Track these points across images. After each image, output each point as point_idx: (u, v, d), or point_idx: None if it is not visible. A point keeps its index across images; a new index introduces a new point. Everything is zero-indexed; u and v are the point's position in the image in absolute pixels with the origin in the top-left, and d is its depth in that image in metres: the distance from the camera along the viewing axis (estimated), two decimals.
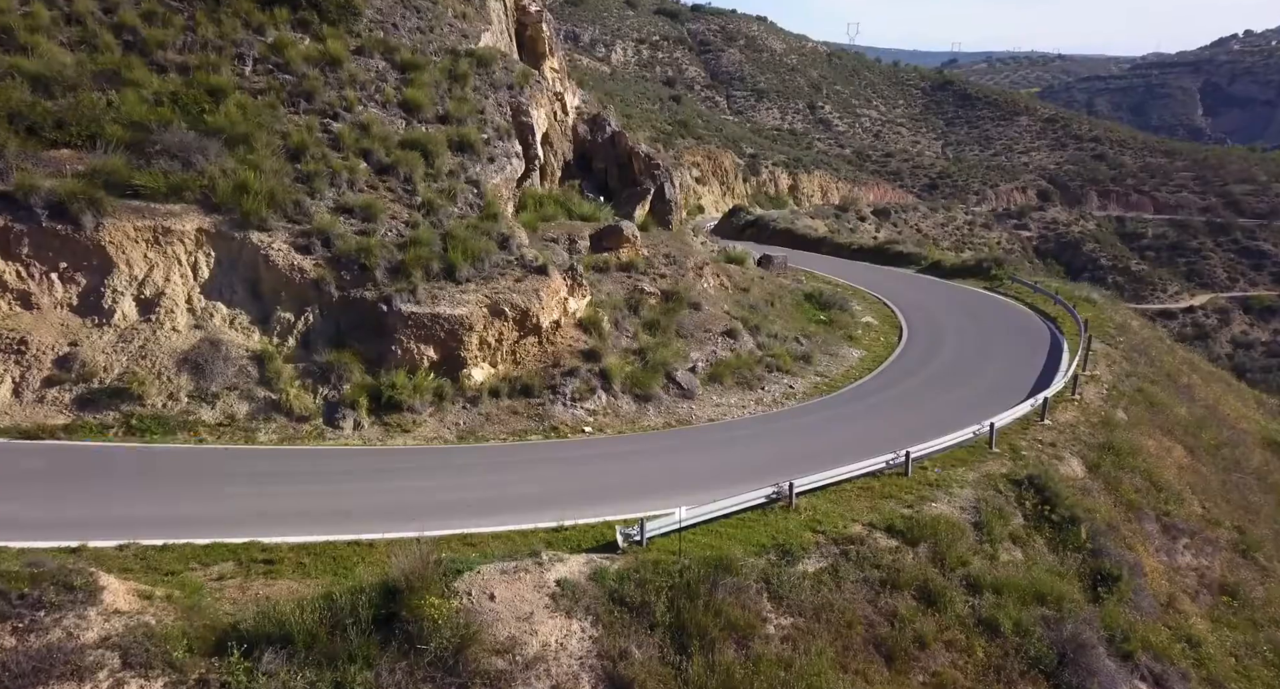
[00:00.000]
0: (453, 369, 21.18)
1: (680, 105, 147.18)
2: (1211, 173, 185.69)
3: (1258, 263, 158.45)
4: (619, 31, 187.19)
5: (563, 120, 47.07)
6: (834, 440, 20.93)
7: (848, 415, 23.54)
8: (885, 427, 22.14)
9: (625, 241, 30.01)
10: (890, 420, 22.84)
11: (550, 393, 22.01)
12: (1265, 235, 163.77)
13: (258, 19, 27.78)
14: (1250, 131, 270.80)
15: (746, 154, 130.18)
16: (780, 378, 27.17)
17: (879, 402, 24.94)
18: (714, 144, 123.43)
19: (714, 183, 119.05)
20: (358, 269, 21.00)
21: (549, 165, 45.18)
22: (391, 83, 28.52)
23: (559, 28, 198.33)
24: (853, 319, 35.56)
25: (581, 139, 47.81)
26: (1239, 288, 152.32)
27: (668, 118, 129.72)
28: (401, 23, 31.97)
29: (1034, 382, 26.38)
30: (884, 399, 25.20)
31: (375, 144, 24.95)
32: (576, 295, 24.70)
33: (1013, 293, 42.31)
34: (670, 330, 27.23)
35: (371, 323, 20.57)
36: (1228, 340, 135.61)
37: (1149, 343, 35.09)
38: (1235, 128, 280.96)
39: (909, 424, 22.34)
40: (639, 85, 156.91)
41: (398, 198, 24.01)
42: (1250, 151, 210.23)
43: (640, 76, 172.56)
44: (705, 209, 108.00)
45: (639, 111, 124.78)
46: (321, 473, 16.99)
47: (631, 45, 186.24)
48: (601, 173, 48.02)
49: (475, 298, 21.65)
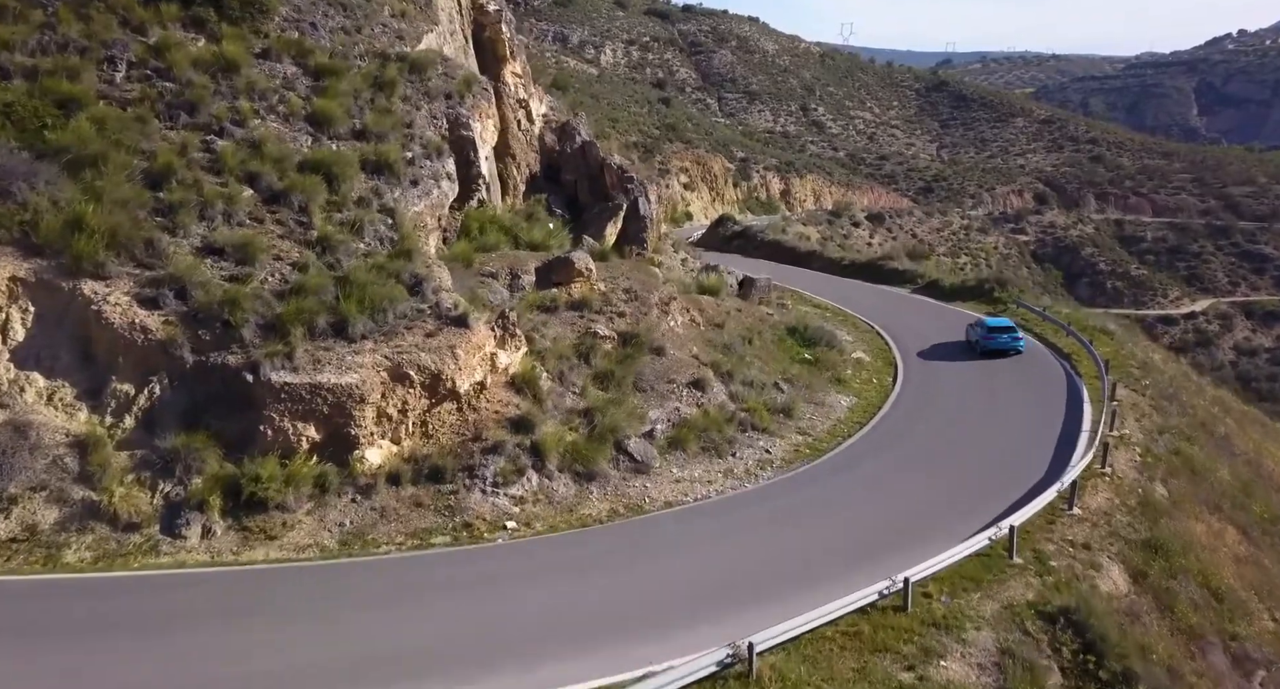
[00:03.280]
0: (341, 450, 17.02)
1: (669, 108, 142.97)
2: (1210, 174, 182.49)
3: (1259, 266, 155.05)
4: (609, 32, 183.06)
5: (527, 129, 42.93)
6: (814, 539, 16.80)
7: (831, 496, 19.38)
8: (877, 515, 18.04)
9: (578, 275, 25.87)
10: (882, 503, 18.73)
11: (466, 476, 17.84)
12: (1266, 238, 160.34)
13: (139, 16, 23.58)
14: (1245, 131, 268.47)
15: (737, 158, 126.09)
16: (755, 439, 23.04)
17: (869, 474, 20.82)
18: (703, 148, 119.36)
19: (703, 189, 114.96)
20: (220, 327, 16.82)
21: (511, 179, 41.06)
22: (300, 91, 24.35)
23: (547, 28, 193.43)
24: (841, 357, 31.46)
25: (549, 149, 43.68)
26: (1240, 292, 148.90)
27: (656, 121, 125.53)
28: (322, 22, 27.77)
29: (1054, 444, 22.30)
30: (876, 470, 21.09)
31: (266, 166, 20.76)
32: (509, 348, 20.56)
33: (1019, 319, 38.23)
34: (626, 383, 23.07)
35: (235, 395, 16.40)
36: (1230, 347, 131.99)
37: (1177, 383, 31.07)
38: (1230, 127, 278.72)
39: (906, 510, 18.27)
40: (628, 87, 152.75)
41: (288, 233, 19.82)
42: (1248, 152, 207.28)
43: (630, 78, 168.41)
44: (694, 216, 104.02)
45: (626, 115, 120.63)
46: (122, 621, 12.69)
47: (621, 46, 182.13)
48: (571, 185, 43.96)
49: (372, 360, 17.49)
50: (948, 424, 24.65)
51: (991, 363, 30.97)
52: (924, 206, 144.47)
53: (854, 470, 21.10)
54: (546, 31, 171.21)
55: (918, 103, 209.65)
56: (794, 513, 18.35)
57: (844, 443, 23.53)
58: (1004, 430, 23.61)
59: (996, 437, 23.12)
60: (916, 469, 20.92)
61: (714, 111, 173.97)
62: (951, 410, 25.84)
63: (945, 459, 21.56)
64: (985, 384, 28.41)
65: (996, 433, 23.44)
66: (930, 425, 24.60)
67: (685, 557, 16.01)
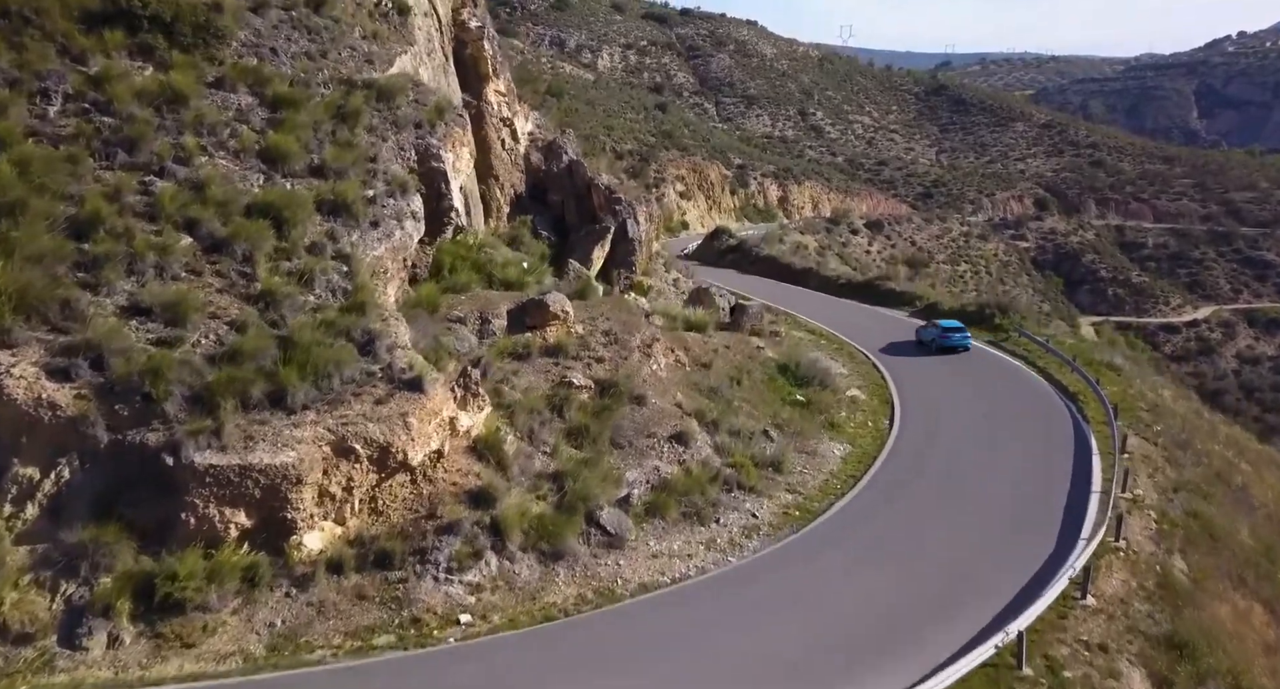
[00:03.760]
0: (276, 536, 15.35)
1: (666, 114, 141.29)
2: (1211, 179, 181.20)
3: (1261, 273, 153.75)
4: (606, 37, 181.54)
5: (512, 148, 41.34)
6: (798, 638, 15.10)
7: (818, 578, 17.64)
8: (867, 606, 16.35)
9: (553, 318, 24.19)
10: (876, 589, 17.00)
11: (417, 561, 16.15)
12: (1268, 244, 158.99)
13: (80, 44, 21.86)
14: (1245, 134, 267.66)
15: (734, 165, 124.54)
16: (741, 500, 21.38)
17: (861, 546, 19.10)
18: (700, 156, 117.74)
19: (699, 197, 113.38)
20: (140, 401, 15.14)
21: (494, 201, 39.48)
22: (255, 124, 22.64)
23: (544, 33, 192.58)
24: (835, 396, 29.78)
25: (535, 168, 42.11)
26: (1243, 299, 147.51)
27: (652, 128, 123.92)
28: (284, 47, 26.05)
29: (1063, 508, 20.62)
30: (868, 540, 19.39)
31: (209, 210, 19.06)
32: (471, 408, 18.87)
33: (1022, 351, 36.62)
34: (603, 439, 21.40)
35: (154, 479, 14.72)
36: (1233, 355, 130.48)
37: (1189, 425, 29.39)
38: (1230, 130, 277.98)
39: (899, 598, 16.58)
40: (624, 93, 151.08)
41: (228, 286, 18.13)
42: (1249, 156, 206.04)
43: (627, 83, 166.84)
44: (690, 225, 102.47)
45: (622, 122, 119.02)
46: None
47: (619, 51, 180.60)
48: (558, 206, 42.40)
49: (313, 434, 15.80)
50: (946, 480, 22.95)
51: (997, 406, 29.33)
52: (923, 213, 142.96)
53: (843, 542, 19.39)
54: (543, 36, 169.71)
55: (917, 107, 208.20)
56: (777, 600, 16.63)
57: (836, 503, 21.85)
58: (1007, 491, 21.92)
59: (999, 499, 21.43)
60: (911, 540, 19.24)
61: (711, 116, 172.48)
62: (950, 464, 24.14)
63: (943, 528, 19.86)
64: (986, 431, 26.72)
65: (999, 494, 21.75)
66: (927, 482, 22.90)
67: (655, 663, 14.32)
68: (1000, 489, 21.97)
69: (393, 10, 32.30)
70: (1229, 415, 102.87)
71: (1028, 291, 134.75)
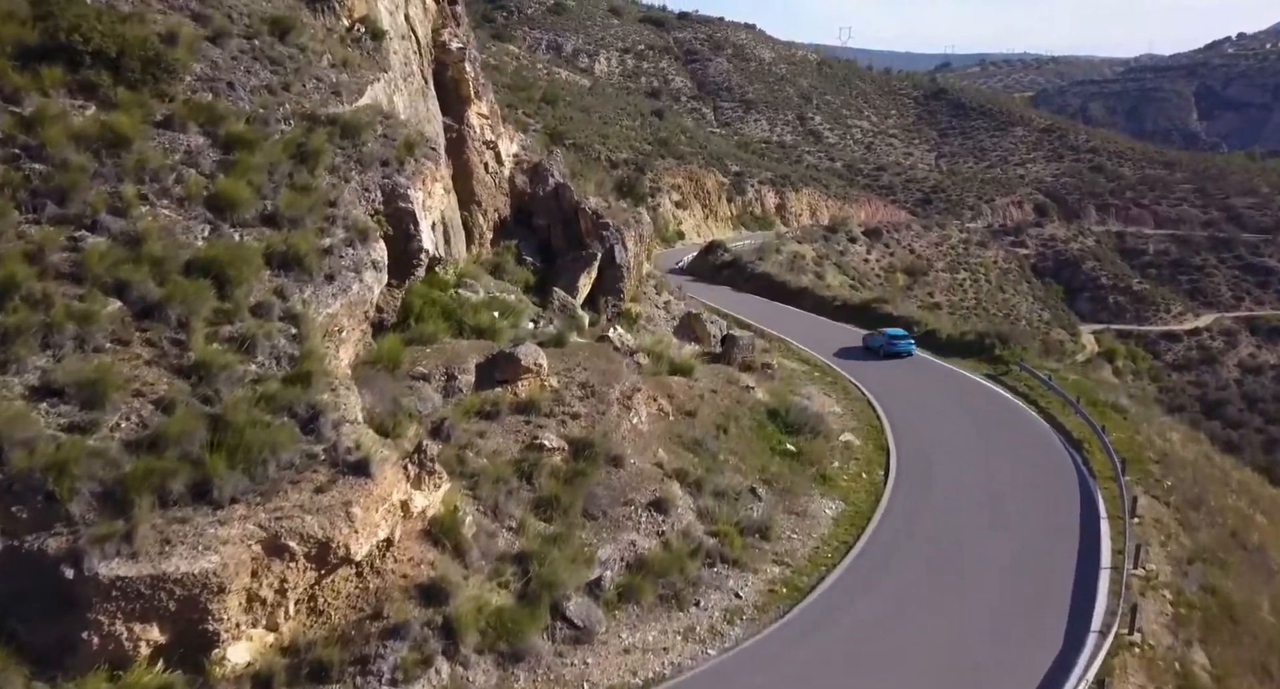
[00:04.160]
0: (196, 651, 13.75)
1: (662, 120, 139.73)
2: (1212, 184, 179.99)
3: (1263, 280, 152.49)
4: (603, 41, 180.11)
5: (496, 171, 39.85)
6: None
7: (799, 682, 16.07)
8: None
9: (525, 373, 22.61)
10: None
11: (358, 672, 14.57)
12: (1270, 251, 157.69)
13: (14, 82, 20.18)
14: (1245, 136, 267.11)
15: (731, 172, 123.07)
16: (724, 577, 19.81)
17: (847, 639, 17.50)
18: (696, 164, 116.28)
19: (695, 206, 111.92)
20: (42, 501, 13.53)
21: (476, 227, 38.01)
22: (205, 167, 20.98)
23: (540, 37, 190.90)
24: (827, 443, 28.23)
25: (520, 192, 40.68)
26: (1244, 307, 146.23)
27: (648, 135, 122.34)
28: (243, 80, 24.39)
29: (1069, 588, 19.03)
30: (855, 630, 17.80)
31: (142, 270, 17.40)
32: (426, 487, 17.29)
33: (1023, 388, 35.07)
34: (574, 510, 19.83)
35: (53, 592, 13.11)
36: (1235, 365, 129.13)
37: (1200, 475, 27.84)
38: (1230, 132, 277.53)
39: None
40: (620, 99, 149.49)
41: (158, 356, 16.49)
42: (1250, 160, 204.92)
43: (624, 88, 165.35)
44: (686, 235, 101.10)
45: (617, 130, 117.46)
46: None
47: (616, 55, 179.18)
48: (544, 230, 41.02)
49: (241, 531, 14.20)
50: (942, 551, 21.31)
51: (998, 456, 27.78)
52: (922, 220, 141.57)
53: (830, 630, 17.81)
54: (540, 40, 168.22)
55: (916, 111, 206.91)
56: None
57: (826, 578, 20.28)
58: (1009, 564, 20.32)
59: (1000, 577, 19.82)
60: (902, 633, 17.63)
61: (709, 121, 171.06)
62: (947, 530, 22.50)
63: (938, 616, 18.26)
64: (987, 487, 25.13)
65: (1000, 569, 20.14)
66: (922, 554, 21.29)
67: None
68: (1001, 562, 20.40)
69: (366, 36, 30.74)
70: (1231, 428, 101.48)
71: (1027, 299, 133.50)
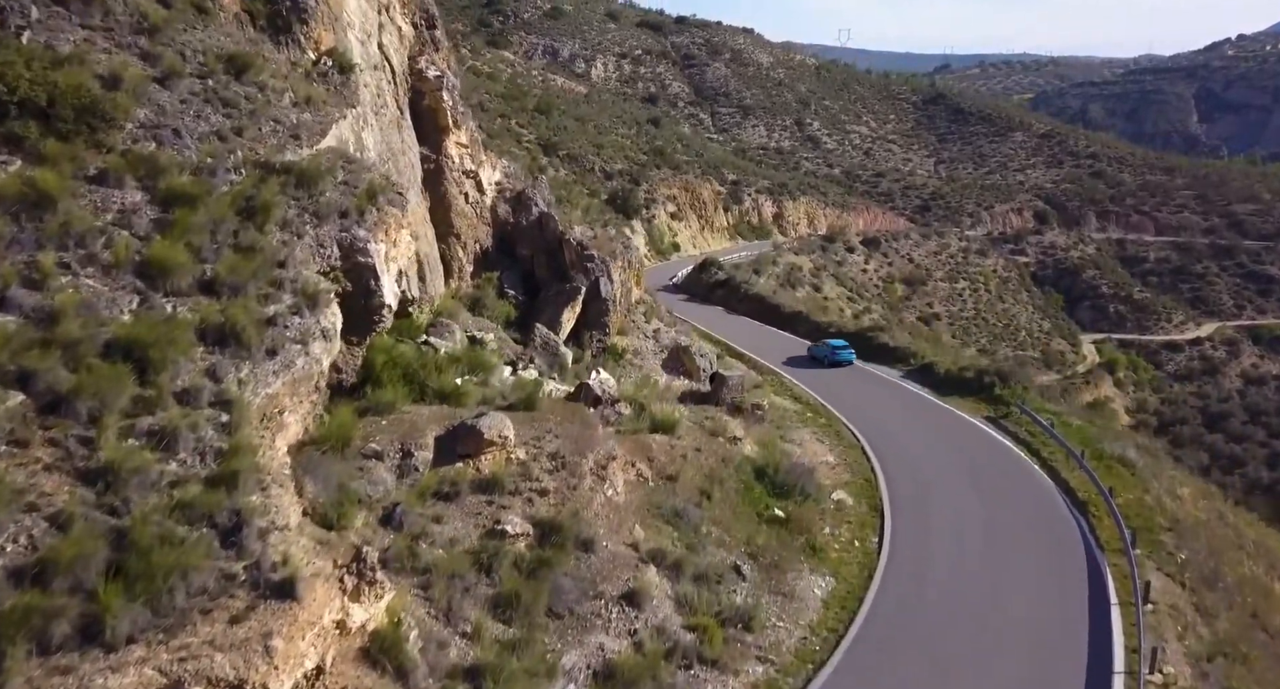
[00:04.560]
0: None
1: (659, 129, 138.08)
2: (1213, 191, 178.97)
3: (1265, 288, 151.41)
4: (600, 46, 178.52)
5: (477, 201, 38.31)
6: None
7: None
8: None
9: (488, 446, 21.01)
10: None
11: None
12: (1272, 258, 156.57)
13: None
14: (1245, 138, 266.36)
15: (728, 181, 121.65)
16: (702, 682, 18.22)
17: None
18: (692, 174, 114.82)
19: (691, 217, 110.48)
20: None
21: (455, 261, 36.46)
22: (139, 229, 19.30)
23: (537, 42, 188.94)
24: (818, 506, 26.66)
25: (503, 221, 39.17)
26: (1246, 315, 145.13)
27: (644, 144, 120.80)
28: (191, 125, 22.64)
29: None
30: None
31: (52, 356, 15.63)
32: (366, 598, 15.66)
33: (1025, 434, 33.51)
34: (538, 608, 18.20)
35: None
36: (1237, 375, 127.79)
37: (1213, 539, 26.30)
38: (1230, 134, 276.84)
39: None
40: (616, 106, 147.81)
41: (61, 459, 14.71)
42: (1250, 164, 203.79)
43: (621, 94, 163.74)
44: (681, 247, 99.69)
45: (612, 139, 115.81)
46: None
47: (613, 60, 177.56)
48: (528, 260, 39.55)
49: (136, 679, 12.46)
50: (939, 649, 19.59)
51: (998, 517, 26.22)
52: (921, 228, 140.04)
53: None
54: (536, 45, 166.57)
55: (915, 116, 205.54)
56: None
57: (816, 677, 18.71)
58: (1011, 671, 18.70)
59: (1007, 682, 18.26)
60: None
61: (707, 127, 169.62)
62: (944, 621, 20.81)
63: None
64: (986, 566, 23.46)
65: (1001, 678, 18.55)
66: (917, 652, 19.64)
67: None
68: (1003, 668, 18.77)
69: (333, 69, 29.11)
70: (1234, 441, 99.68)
71: (1027, 309, 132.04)
